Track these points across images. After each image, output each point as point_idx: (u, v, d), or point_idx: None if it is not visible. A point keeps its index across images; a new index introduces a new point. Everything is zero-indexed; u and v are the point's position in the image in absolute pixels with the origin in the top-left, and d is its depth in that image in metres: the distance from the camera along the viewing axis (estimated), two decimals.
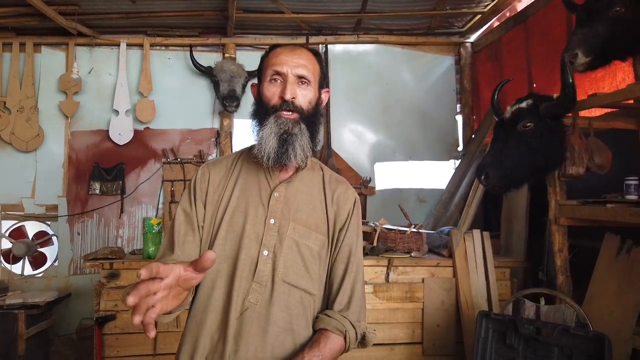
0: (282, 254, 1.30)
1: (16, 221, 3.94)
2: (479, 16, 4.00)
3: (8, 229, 3.91)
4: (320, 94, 1.40)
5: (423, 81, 4.37)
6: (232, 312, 1.25)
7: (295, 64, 1.32)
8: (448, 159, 4.34)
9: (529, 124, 2.36)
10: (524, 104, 2.42)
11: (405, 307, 2.79)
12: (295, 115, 1.31)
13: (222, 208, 1.35)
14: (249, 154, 1.41)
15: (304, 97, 1.33)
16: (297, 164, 1.33)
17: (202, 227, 1.36)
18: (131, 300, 0.82)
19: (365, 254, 2.92)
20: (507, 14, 3.85)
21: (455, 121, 4.39)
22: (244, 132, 4.20)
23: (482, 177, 2.47)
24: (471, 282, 2.78)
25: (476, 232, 2.90)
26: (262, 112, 1.33)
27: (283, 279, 1.29)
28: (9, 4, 3.41)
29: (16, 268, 3.89)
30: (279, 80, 1.32)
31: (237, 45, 4.19)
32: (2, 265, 3.84)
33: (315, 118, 1.37)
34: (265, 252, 1.30)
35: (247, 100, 4.10)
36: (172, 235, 1.32)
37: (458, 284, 2.79)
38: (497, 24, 4.00)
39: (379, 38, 4.29)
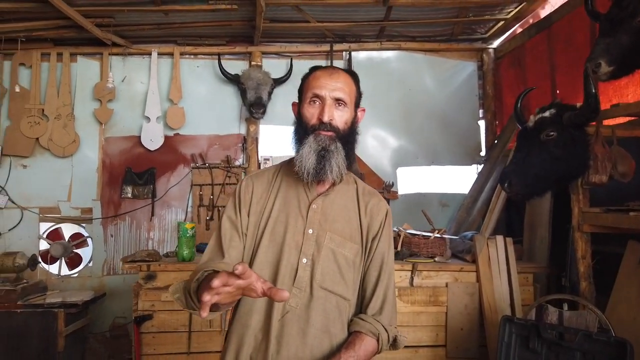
0: (319, 262, 1.40)
1: (53, 223, 4.13)
2: (502, 22, 4.04)
3: (46, 230, 4.10)
4: (356, 113, 1.51)
5: (445, 87, 4.42)
6: (275, 314, 1.35)
7: (333, 87, 1.42)
8: (470, 164, 4.38)
9: (552, 133, 2.41)
10: (547, 114, 2.47)
11: (429, 311, 2.86)
12: (332, 134, 1.41)
13: (264, 218, 1.45)
14: (287, 168, 1.52)
15: (340, 117, 1.43)
16: (333, 179, 1.43)
17: (246, 234, 1.46)
18: (216, 283, 0.93)
19: None
20: (530, 21, 3.88)
21: (478, 126, 4.42)
22: (269, 138, 4.31)
23: (506, 184, 2.53)
24: (494, 287, 2.83)
25: (499, 238, 2.95)
26: (301, 131, 1.45)
27: (320, 285, 1.39)
28: (50, 17, 3.58)
29: (53, 268, 4.08)
30: (317, 102, 1.43)
31: (264, 53, 4.30)
32: (41, 265, 4.02)
33: (351, 137, 1.47)
34: (304, 260, 1.40)
35: (273, 107, 4.22)
36: (220, 240, 1.43)
37: (481, 289, 2.85)
38: (520, 30, 4.03)
39: (402, 45, 4.36)
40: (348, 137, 1.45)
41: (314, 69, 1.50)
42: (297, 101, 1.54)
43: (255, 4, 3.38)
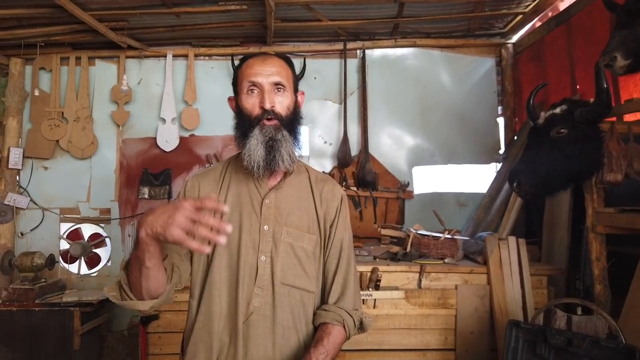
0: (278, 258, 1.38)
1: (73, 224, 4.23)
2: (520, 16, 3.91)
3: (66, 230, 4.20)
4: (296, 97, 1.46)
5: (462, 83, 4.32)
6: (240, 317, 1.33)
7: (269, 72, 1.37)
8: (489, 162, 4.26)
9: (562, 130, 2.32)
10: (557, 110, 2.37)
11: (437, 314, 2.79)
12: (275, 122, 1.36)
13: (216, 220, 1.41)
14: (235, 164, 1.47)
15: (281, 103, 1.38)
16: (285, 168, 1.39)
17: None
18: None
19: (398, 260, 2.95)
20: (550, 14, 3.75)
21: (497, 123, 4.30)
22: None
23: (514, 184, 2.44)
24: (506, 290, 2.75)
25: (511, 239, 2.86)
26: (245, 124, 1.39)
27: (282, 281, 1.37)
28: (66, 22, 3.66)
29: (73, 267, 4.18)
30: (255, 91, 1.38)
31: (276, 53, 4.29)
32: (61, 264, 4.13)
33: (295, 122, 1.43)
34: (263, 258, 1.38)
35: None
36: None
37: (492, 291, 2.76)
38: (539, 24, 3.89)
39: (417, 42, 4.27)
40: (292, 122, 1.41)
41: (245, 58, 1.45)
42: (232, 96, 1.48)
43: (265, 4, 3.37)
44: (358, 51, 4.31)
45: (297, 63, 4.29)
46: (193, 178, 1.50)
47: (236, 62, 4.12)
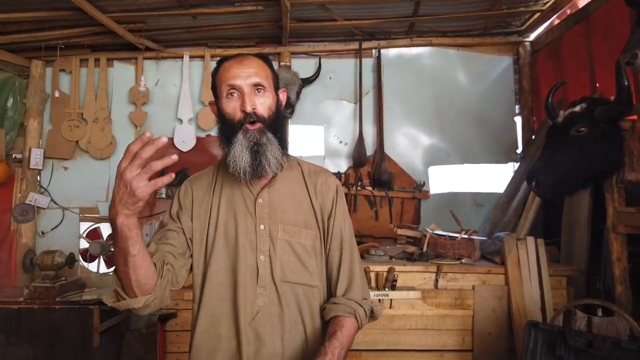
0: (277, 257, 1.38)
1: (92, 223, 4.29)
2: (538, 14, 3.86)
3: (85, 230, 4.27)
4: (277, 96, 1.44)
5: (479, 82, 4.28)
6: (242, 319, 1.33)
7: (247, 74, 1.35)
8: (506, 162, 4.22)
9: (582, 129, 2.29)
10: (577, 108, 2.34)
11: (454, 314, 2.78)
12: (259, 125, 1.34)
13: (212, 224, 1.41)
14: (225, 166, 1.43)
15: (262, 104, 1.36)
16: (273, 172, 1.38)
17: (191, 239, 1.42)
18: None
19: (414, 260, 2.94)
20: (568, 11, 3.69)
21: (514, 123, 4.25)
22: (298, 138, 4.31)
23: (533, 183, 2.42)
24: (524, 291, 2.72)
25: (530, 239, 2.83)
26: (228, 129, 1.36)
27: (282, 279, 1.37)
28: (85, 24, 3.72)
29: (92, 266, 4.24)
30: (235, 94, 1.36)
31: (292, 53, 4.31)
32: (81, 263, 4.20)
33: (279, 122, 1.41)
34: (262, 258, 1.38)
35: (302, 107, 4.23)
36: (158, 231, 1.42)
37: (510, 292, 2.74)
38: (557, 21, 3.84)
39: (433, 40, 4.25)
40: (276, 123, 1.39)
41: (221, 61, 1.43)
42: (213, 100, 1.46)
43: (281, 5, 3.38)
44: (373, 51, 4.30)
45: (313, 63, 4.31)
46: (186, 182, 1.49)
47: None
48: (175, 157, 1.06)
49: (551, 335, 2.10)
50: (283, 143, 1.39)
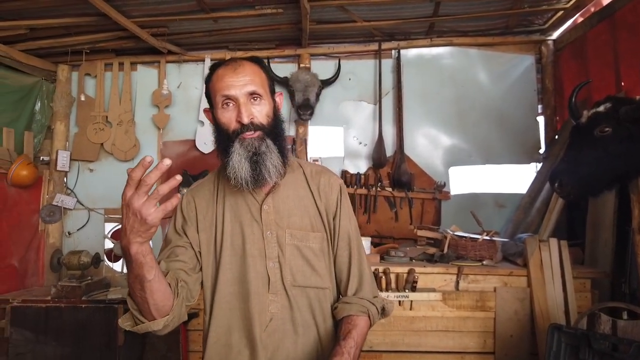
0: (286, 262, 1.37)
1: (117, 223, 4.38)
2: (561, 12, 3.80)
3: (110, 230, 4.36)
4: (274, 101, 1.40)
5: (501, 82, 4.23)
6: (257, 327, 1.33)
7: (242, 82, 1.30)
8: (529, 162, 4.16)
9: (607, 129, 2.25)
10: (601, 108, 2.31)
11: (476, 316, 2.76)
12: (258, 133, 1.31)
13: (219, 235, 1.39)
14: (225, 175, 1.39)
15: (260, 112, 1.32)
16: (273, 181, 1.35)
17: (199, 252, 1.40)
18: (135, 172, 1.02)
19: (435, 261, 2.93)
20: (592, 9, 3.63)
21: (537, 122, 4.19)
22: (318, 139, 4.33)
23: (556, 184, 2.39)
24: (547, 293, 2.68)
25: (553, 241, 2.79)
26: (224, 139, 1.33)
27: (293, 284, 1.37)
28: (110, 29, 3.81)
29: (117, 266, 4.32)
30: (231, 104, 1.31)
31: (312, 55, 4.33)
32: (106, 263, 4.29)
33: (278, 128, 1.38)
34: (271, 264, 1.37)
35: (321, 108, 4.24)
36: (165, 248, 1.41)
37: (533, 295, 2.71)
38: (581, 19, 3.78)
39: (453, 40, 4.22)
40: (275, 129, 1.36)
41: (214, 67, 1.38)
42: (208, 108, 1.43)
43: (300, 7, 3.41)
44: (393, 51, 4.30)
45: (332, 64, 4.32)
46: (187, 193, 1.46)
47: (273, 66, 4.20)
48: (179, 177, 1.04)
49: (575, 338, 2.07)
50: (282, 150, 1.36)
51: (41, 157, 4.32)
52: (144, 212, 1.03)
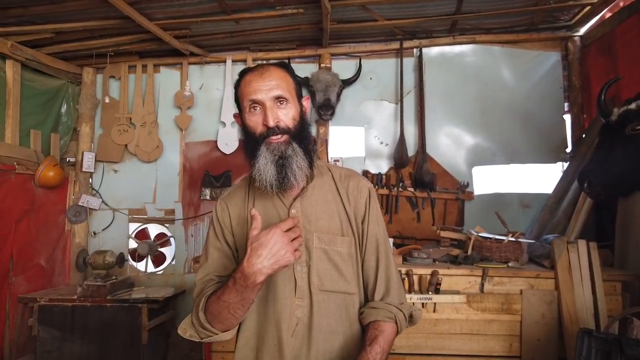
0: (313, 266, 1.37)
1: (140, 224, 4.44)
2: (588, 7, 3.71)
3: (134, 230, 4.42)
4: (301, 105, 1.41)
5: (525, 80, 4.15)
6: (285, 330, 1.34)
7: (268, 87, 1.32)
8: (555, 162, 4.07)
9: (638, 127, 2.18)
10: (633, 106, 2.24)
11: (501, 319, 2.70)
12: (285, 137, 1.33)
13: (248, 240, 1.40)
14: (254, 180, 1.42)
15: (286, 116, 1.34)
16: (298, 184, 1.37)
17: (237, 256, 1.45)
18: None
19: (459, 263, 2.88)
20: (621, 4, 3.53)
21: (563, 121, 4.10)
22: (339, 139, 4.31)
23: (585, 184, 2.32)
24: (575, 296, 2.61)
25: (581, 242, 2.71)
26: (251, 142, 1.35)
27: (320, 288, 1.36)
28: (133, 32, 3.86)
29: (140, 266, 4.39)
30: (258, 108, 1.34)
31: (333, 54, 4.32)
32: (130, 263, 4.35)
33: (304, 132, 1.39)
34: (299, 268, 1.37)
35: (342, 108, 4.23)
36: (210, 270, 1.43)
37: (560, 298, 2.63)
38: (609, 14, 3.67)
39: (476, 38, 4.16)
40: (301, 132, 1.37)
41: (242, 73, 1.41)
42: (237, 112, 1.45)
43: (321, 7, 3.39)
44: (415, 50, 4.25)
45: (353, 64, 4.30)
46: (221, 201, 1.50)
47: (294, 66, 4.19)
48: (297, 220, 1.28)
49: (606, 344, 2.01)
50: (309, 153, 1.38)
51: (67, 159, 4.41)
52: (289, 250, 1.19)
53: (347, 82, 4.14)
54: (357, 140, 4.28)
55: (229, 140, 4.32)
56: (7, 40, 3.62)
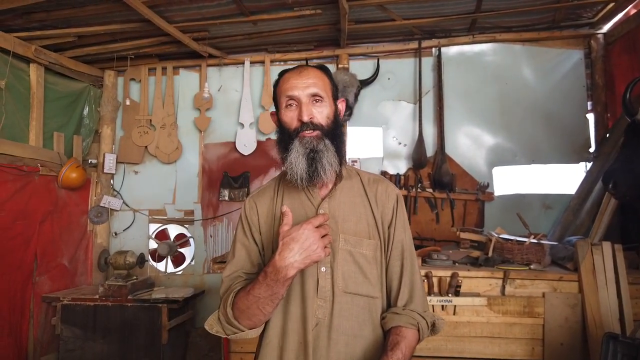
0: (338, 267, 1.37)
1: (161, 224, 4.49)
2: (612, 4, 3.63)
3: (154, 231, 4.47)
4: (336, 106, 1.44)
5: (547, 78, 4.08)
6: (309, 329, 1.33)
7: (305, 84, 1.36)
8: (577, 162, 3.99)
9: None
10: None
11: (523, 322, 2.66)
12: (317, 133, 1.35)
13: (275, 236, 1.39)
14: (285, 179, 1.45)
15: (320, 113, 1.37)
16: (327, 179, 1.38)
17: (264, 254, 1.46)
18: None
19: (479, 265, 2.84)
20: None
21: (586, 120, 4.02)
22: (357, 139, 4.29)
23: (610, 185, 2.27)
24: (600, 299, 2.55)
25: (606, 244, 2.66)
26: (285, 138, 1.38)
27: (344, 290, 1.36)
28: (153, 35, 3.90)
29: (160, 266, 4.43)
30: (294, 105, 1.37)
31: (350, 55, 4.30)
32: (150, 263, 4.40)
33: (337, 130, 1.41)
34: (323, 269, 1.37)
35: (360, 109, 4.22)
36: (238, 267, 1.45)
37: (584, 301, 2.58)
38: (634, 11, 3.59)
39: (496, 37, 4.10)
40: (334, 131, 1.39)
41: (282, 73, 1.45)
42: (274, 111, 1.49)
43: (339, 7, 3.39)
44: (433, 49, 4.22)
45: (371, 64, 4.28)
46: (250, 199, 1.52)
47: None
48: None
49: (633, 348, 1.96)
50: (339, 152, 1.39)
51: (89, 160, 4.48)
52: (320, 246, 1.21)
53: (365, 83, 4.13)
54: (375, 140, 4.26)
55: (247, 142, 4.34)
56: (30, 44, 3.70)
